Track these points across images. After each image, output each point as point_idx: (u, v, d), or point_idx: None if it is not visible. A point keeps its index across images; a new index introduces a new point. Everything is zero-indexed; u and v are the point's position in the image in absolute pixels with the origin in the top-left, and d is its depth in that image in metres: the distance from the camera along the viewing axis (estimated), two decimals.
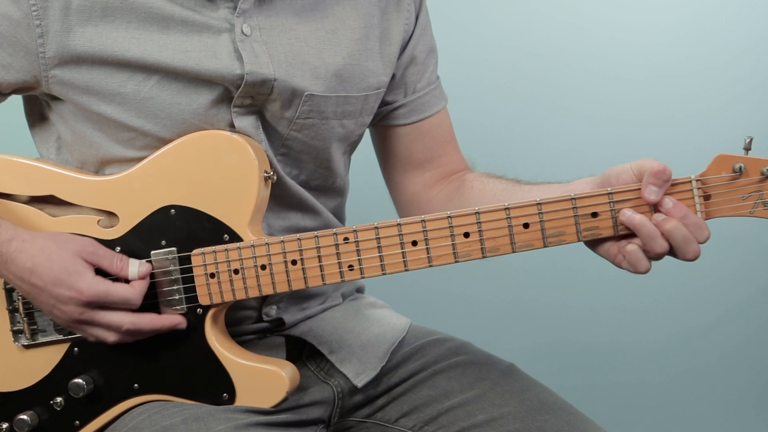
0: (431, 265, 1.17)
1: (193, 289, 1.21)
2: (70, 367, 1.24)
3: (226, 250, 1.20)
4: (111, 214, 1.23)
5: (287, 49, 1.26)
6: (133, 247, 1.22)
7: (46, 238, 1.18)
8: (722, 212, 1.13)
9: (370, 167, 1.53)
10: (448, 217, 1.16)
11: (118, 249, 1.22)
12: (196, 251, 1.21)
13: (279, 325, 1.34)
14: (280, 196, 1.29)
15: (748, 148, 1.11)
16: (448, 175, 1.45)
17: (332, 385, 1.34)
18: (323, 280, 1.19)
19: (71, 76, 1.21)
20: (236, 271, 1.20)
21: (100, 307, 1.17)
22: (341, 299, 1.44)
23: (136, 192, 1.22)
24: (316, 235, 1.18)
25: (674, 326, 2.77)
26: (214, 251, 1.20)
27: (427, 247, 1.16)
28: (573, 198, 1.14)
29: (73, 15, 1.19)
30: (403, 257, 1.17)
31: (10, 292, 1.25)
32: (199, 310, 1.21)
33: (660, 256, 1.14)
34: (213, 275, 1.20)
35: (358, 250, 1.18)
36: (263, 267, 1.19)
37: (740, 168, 1.11)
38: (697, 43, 2.69)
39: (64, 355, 1.25)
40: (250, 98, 1.24)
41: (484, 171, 1.43)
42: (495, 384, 1.32)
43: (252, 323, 1.32)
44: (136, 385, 1.23)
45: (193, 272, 1.21)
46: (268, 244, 1.19)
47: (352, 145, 1.41)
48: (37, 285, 1.17)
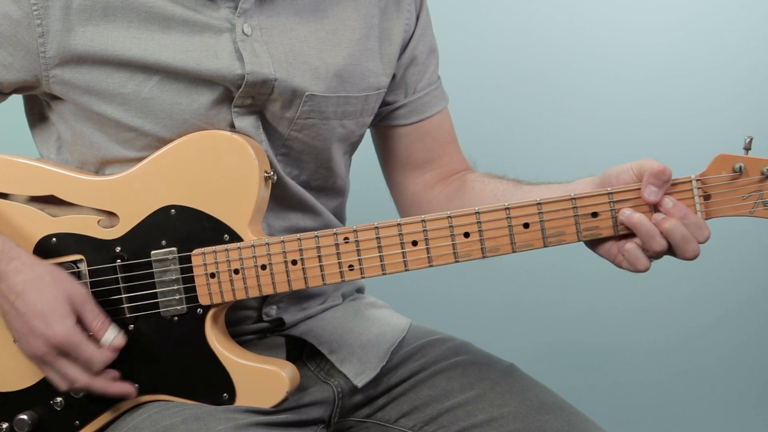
0: (431, 265, 1.17)
1: (194, 289, 1.21)
2: None
3: (227, 250, 1.20)
4: (111, 214, 1.23)
5: (288, 49, 1.26)
6: (134, 247, 1.22)
7: (45, 271, 1.18)
8: (722, 212, 1.13)
9: (371, 167, 1.53)
10: (449, 217, 1.16)
11: (119, 249, 1.22)
12: (196, 251, 1.21)
13: (279, 325, 1.34)
14: (281, 197, 1.29)
15: (748, 148, 1.11)
16: (449, 175, 1.45)
17: (332, 385, 1.34)
18: (323, 280, 1.19)
19: (72, 76, 1.21)
20: (236, 271, 1.20)
21: (64, 355, 1.17)
22: (341, 299, 1.44)
23: (137, 192, 1.22)
24: (317, 235, 1.18)
25: (674, 326, 2.77)
26: (215, 251, 1.20)
27: (428, 247, 1.16)
28: (573, 198, 1.14)
29: (74, 15, 1.19)
30: (404, 257, 1.17)
31: None
32: (199, 310, 1.21)
33: (659, 255, 1.14)
34: (213, 275, 1.20)
35: (359, 250, 1.18)
36: (263, 267, 1.19)
37: (740, 168, 1.11)
38: (697, 43, 2.69)
39: None
40: (250, 98, 1.24)
41: (485, 171, 1.43)
42: (495, 384, 1.32)
43: (252, 323, 1.32)
44: (137, 385, 1.23)
45: (193, 272, 1.21)
46: (268, 244, 1.19)
47: (353, 146, 1.41)
48: (19, 310, 1.17)
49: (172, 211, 1.21)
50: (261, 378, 1.20)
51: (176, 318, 1.22)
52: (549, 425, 1.25)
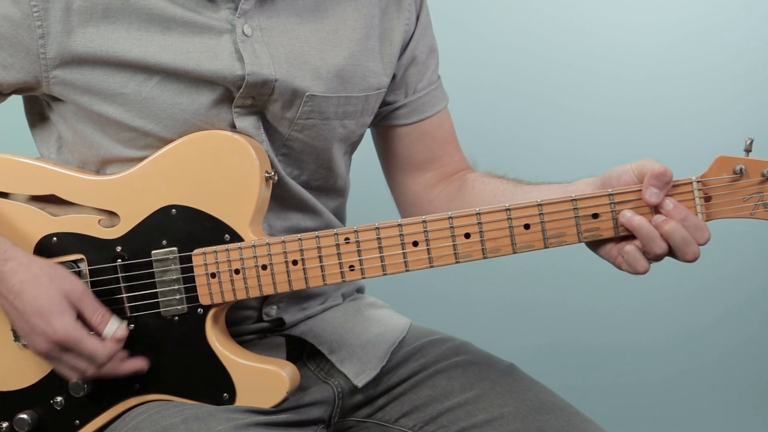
0: (432, 266, 1.17)
1: (194, 289, 1.21)
2: None
3: (227, 249, 1.20)
4: (112, 214, 1.23)
5: (288, 50, 1.26)
6: (134, 246, 1.22)
7: (42, 268, 1.19)
8: (723, 213, 1.13)
9: (371, 167, 1.53)
10: (449, 217, 1.16)
11: (119, 248, 1.22)
12: (196, 251, 1.21)
13: (279, 325, 1.34)
14: (281, 197, 1.29)
15: (748, 150, 1.11)
16: (450, 175, 1.45)
17: (332, 385, 1.34)
18: (324, 280, 1.19)
19: (72, 77, 1.21)
20: (237, 271, 1.20)
21: (68, 351, 1.17)
22: (341, 299, 1.44)
23: (137, 192, 1.22)
24: (317, 235, 1.18)
25: (674, 326, 2.77)
26: (215, 251, 1.20)
27: (428, 248, 1.16)
28: (574, 199, 1.14)
29: (74, 16, 1.19)
30: (404, 258, 1.17)
31: None
32: (199, 309, 1.21)
33: (659, 257, 1.14)
34: (214, 275, 1.20)
35: (359, 251, 1.18)
36: (264, 267, 1.19)
37: (741, 169, 1.11)
38: (697, 43, 2.69)
39: None
40: (251, 99, 1.24)
41: (485, 171, 1.43)
42: (495, 384, 1.32)
43: (252, 323, 1.32)
44: (137, 385, 1.23)
45: (193, 272, 1.21)
46: (269, 244, 1.19)
47: (353, 146, 1.41)
48: (19, 309, 1.17)
49: (173, 210, 1.21)
50: (261, 378, 1.21)
51: (177, 318, 1.22)
52: (549, 425, 1.25)
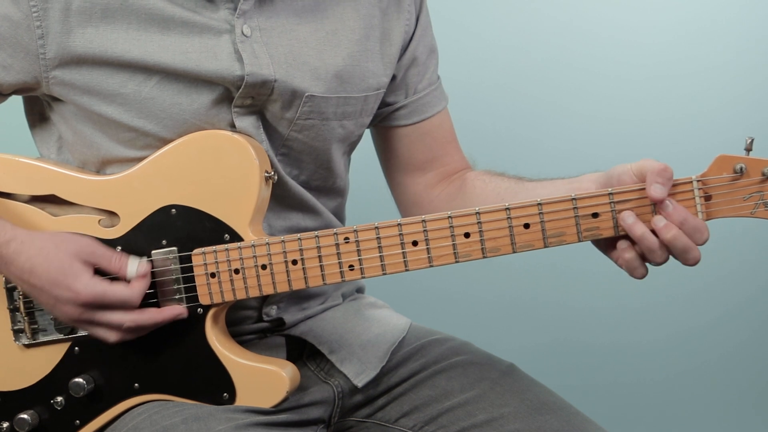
0: (432, 265, 1.17)
1: (194, 289, 1.21)
2: (70, 367, 1.24)
3: (227, 249, 1.20)
4: (112, 214, 1.23)
5: (287, 50, 1.26)
6: (134, 246, 1.22)
7: (45, 239, 1.19)
8: (723, 213, 1.13)
9: (370, 167, 1.53)
10: (449, 217, 1.16)
11: (119, 248, 1.22)
12: (196, 251, 1.21)
13: (279, 325, 1.34)
14: (281, 197, 1.29)
15: (749, 149, 1.11)
16: (450, 174, 1.45)
17: (332, 385, 1.34)
18: (324, 280, 1.19)
19: (72, 77, 1.21)
20: (237, 271, 1.20)
21: (99, 308, 1.17)
22: (341, 299, 1.44)
23: (137, 192, 1.22)
24: (317, 235, 1.18)
25: (674, 326, 2.77)
26: (215, 251, 1.20)
27: (428, 247, 1.16)
28: (573, 198, 1.14)
29: (74, 16, 1.19)
30: (404, 257, 1.17)
31: (11, 291, 1.25)
32: (199, 309, 1.21)
33: (659, 264, 1.14)
34: (213, 275, 1.20)
35: (359, 250, 1.18)
36: (264, 267, 1.19)
37: (741, 168, 1.11)
38: (697, 43, 2.69)
39: (65, 355, 1.25)
40: (250, 99, 1.24)
41: (483, 169, 1.43)
42: (495, 384, 1.32)
43: (252, 323, 1.32)
44: (137, 385, 1.23)
45: (193, 272, 1.21)
46: (268, 243, 1.19)
47: (352, 146, 1.41)
48: (36, 285, 1.17)
49: (173, 210, 1.21)
50: (261, 378, 1.21)
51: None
52: (549, 425, 1.25)
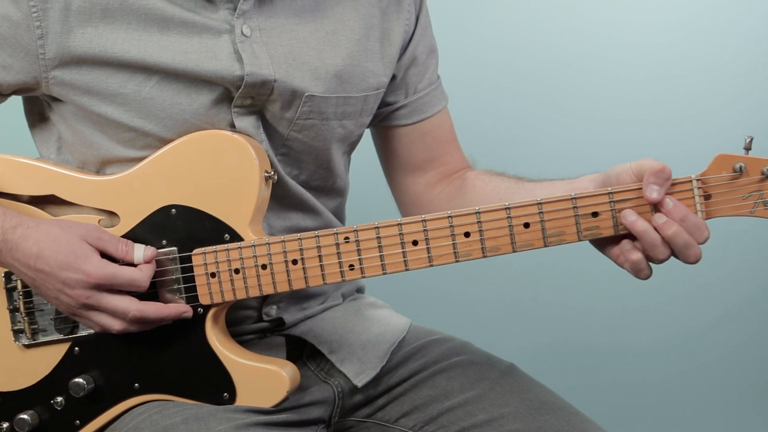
0: (432, 265, 1.17)
1: (194, 289, 1.21)
2: (70, 367, 1.24)
3: (227, 249, 1.20)
4: (112, 214, 1.23)
5: (287, 50, 1.26)
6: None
7: (51, 224, 1.19)
8: (723, 212, 1.13)
9: (370, 167, 1.53)
10: (449, 216, 1.16)
11: None
12: (196, 251, 1.21)
13: (279, 324, 1.34)
14: (281, 197, 1.29)
15: (748, 148, 1.11)
16: (450, 174, 1.45)
17: (332, 384, 1.34)
18: (324, 280, 1.19)
19: (71, 77, 1.21)
20: (237, 271, 1.20)
21: (108, 291, 1.17)
22: (341, 299, 1.44)
23: (137, 192, 1.23)
24: (317, 235, 1.18)
25: (674, 326, 2.77)
26: (215, 251, 1.20)
27: (428, 247, 1.16)
28: (573, 198, 1.14)
29: (73, 16, 1.19)
30: (404, 257, 1.17)
31: (11, 291, 1.25)
32: (199, 309, 1.21)
33: (661, 261, 1.14)
34: (213, 275, 1.20)
35: (359, 250, 1.18)
36: (264, 266, 1.19)
37: (741, 167, 1.11)
38: (697, 43, 2.69)
39: (65, 355, 1.25)
40: (250, 99, 1.24)
41: (484, 168, 1.43)
42: (495, 384, 1.32)
43: (252, 323, 1.32)
44: (137, 385, 1.23)
45: (193, 272, 1.21)
46: (268, 243, 1.19)
47: (352, 146, 1.41)
48: (44, 270, 1.16)
49: (173, 210, 1.21)
50: (261, 378, 1.21)
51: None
52: (549, 425, 1.25)
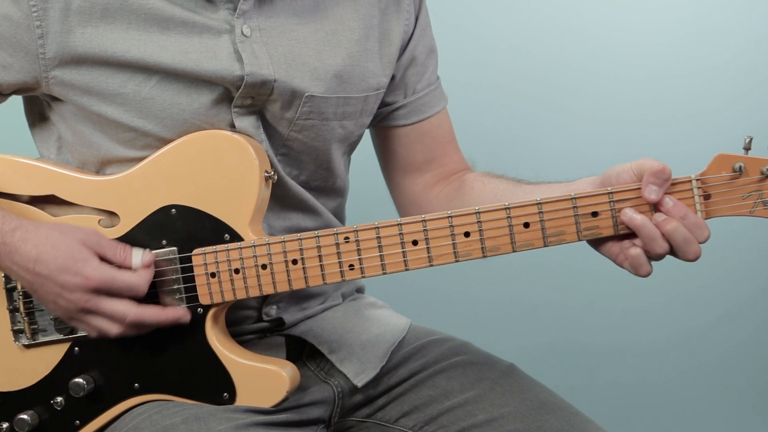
0: (432, 265, 1.17)
1: (194, 289, 1.21)
2: (70, 367, 1.24)
3: (227, 249, 1.20)
4: (112, 214, 1.23)
5: (287, 50, 1.26)
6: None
7: (50, 228, 1.18)
8: (722, 212, 1.13)
9: (370, 167, 1.53)
10: (449, 216, 1.16)
11: None
12: (196, 251, 1.21)
13: (279, 324, 1.34)
14: (281, 197, 1.29)
15: (748, 148, 1.11)
16: (449, 175, 1.45)
17: (332, 384, 1.34)
18: (324, 280, 1.19)
19: (71, 77, 1.21)
20: (237, 271, 1.20)
21: (107, 294, 1.16)
22: (341, 299, 1.44)
23: (137, 192, 1.23)
24: (317, 235, 1.18)
25: (674, 326, 2.77)
26: (215, 251, 1.20)
27: (428, 247, 1.16)
28: (573, 197, 1.14)
29: (73, 16, 1.19)
30: (404, 257, 1.17)
31: (11, 291, 1.25)
32: (199, 309, 1.22)
33: (660, 256, 1.14)
34: (213, 275, 1.20)
35: (359, 250, 1.18)
36: (264, 266, 1.19)
37: (740, 167, 1.11)
38: (697, 43, 2.69)
39: (65, 355, 1.25)
40: (250, 99, 1.24)
41: (484, 170, 1.43)
42: (495, 384, 1.32)
43: (252, 323, 1.32)
44: (137, 385, 1.23)
45: (193, 272, 1.21)
46: (268, 243, 1.19)
47: (352, 146, 1.41)
48: (42, 273, 1.16)
49: (173, 210, 1.21)
50: (261, 377, 1.21)
51: None
52: (549, 425, 1.25)
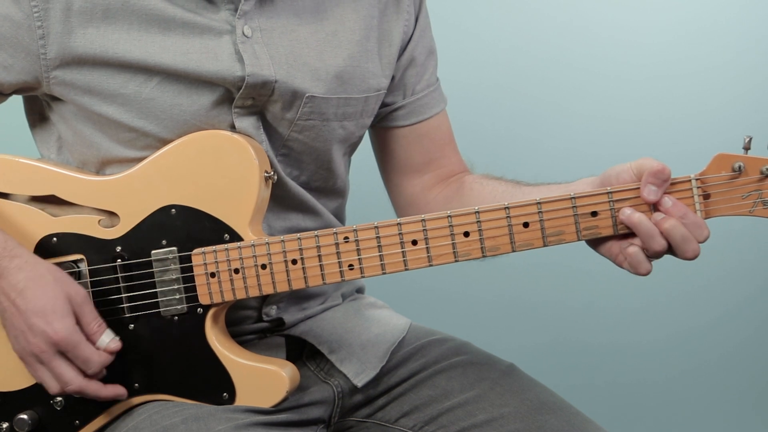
0: (431, 265, 1.17)
1: (194, 289, 1.21)
2: None
3: (227, 249, 1.20)
4: (112, 214, 1.23)
5: (288, 51, 1.26)
6: (134, 246, 1.22)
7: (48, 270, 1.19)
8: (722, 211, 1.13)
9: (370, 168, 1.53)
10: (448, 216, 1.16)
11: (119, 248, 1.22)
12: (196, 251, 1.21)
13: (279, 325, 1.34)
14: (281, 197, 1.29)
15: (747, 148, 1.11)
16: (447, 177, 1.45)
17: (332, 384, 1.34)
18: (323, 280, 1.19)
19: (72, 78, 1.21)
20: (236, 271, 1.20)
21: (62, 355, 1.17)
22: (341, 299, 1.44)
23: (137, 192, 1.23)
24: (317, 235, 1.18)
25: (674, 326, 2.77)
26: (215, 251, 1.20)
27: (427, 247, 1.16)
28: (573, 197, 1.14)
29: (75, 16, 1.19)
30: (403, 257, 1.17)
31: None
32: (199, 309, 1.22)
33: (659, 254, 1.14)
34: (213, 275, 1.20)
35: (359, 250, 1.18)
36: (263, 266, 1.20)
37: (740, 167, 1.11)
38: (697, 43, 2.69)
39: None
40: (251, 99, 1.24)
41: (483, 172, 1.43)
42: (495, 384, 1.32)
43: (252, 323, 1.32)
44: (137, 385, 1.23)
45: (193, 272, 1.21)
46: (268, 243, 1.19)
47: (352, 147, 1.41)
48: (20, 307, 1.16)
49: (173, 210, 1.21)
50: (261, 378, 1.21)
51: (176, 317, 1.22)
52: (549, 425, 1.25)
